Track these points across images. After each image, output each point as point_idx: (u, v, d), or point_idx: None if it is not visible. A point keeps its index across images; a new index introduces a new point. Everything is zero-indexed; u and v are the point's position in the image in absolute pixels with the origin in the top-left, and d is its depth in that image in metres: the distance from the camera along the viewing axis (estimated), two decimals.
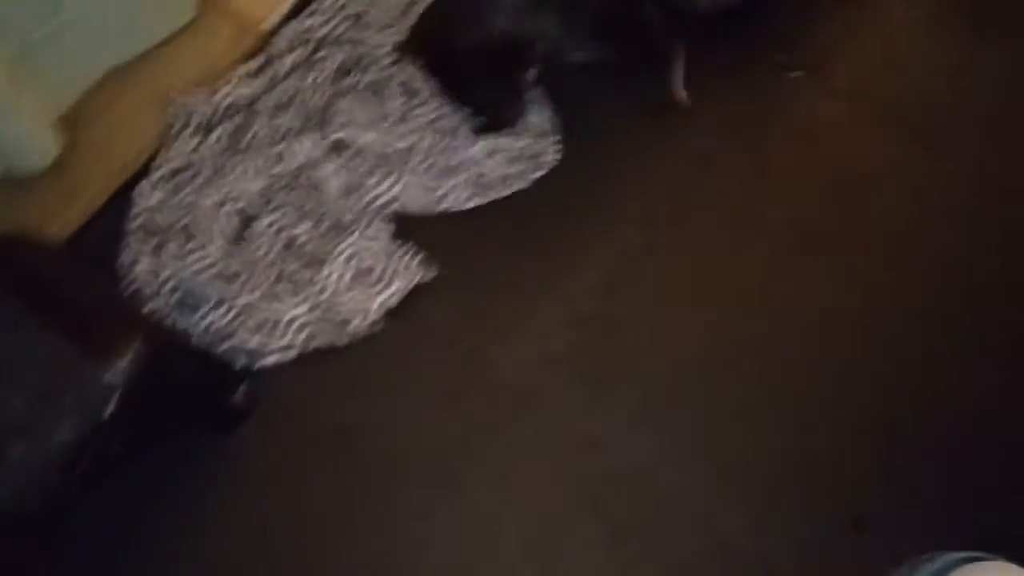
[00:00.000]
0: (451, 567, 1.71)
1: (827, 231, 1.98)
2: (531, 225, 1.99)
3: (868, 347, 1.87)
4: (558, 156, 2.02)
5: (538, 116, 2.02)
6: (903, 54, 2.18)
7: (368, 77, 2.05)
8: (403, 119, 2.02)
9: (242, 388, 1.75)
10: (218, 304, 1.84)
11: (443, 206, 1.97)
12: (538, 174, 2.00)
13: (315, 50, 2.08)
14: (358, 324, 1.82)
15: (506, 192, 1.98)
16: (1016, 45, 2.17)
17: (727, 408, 1.83)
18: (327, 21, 2.10)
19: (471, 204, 1.97)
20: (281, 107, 2.03)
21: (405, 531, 1.74)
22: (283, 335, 1.81)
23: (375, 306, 1.84)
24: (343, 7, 2.13)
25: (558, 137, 2.03)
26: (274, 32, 2.10)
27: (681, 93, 2.05)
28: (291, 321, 1.82)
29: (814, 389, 1.84)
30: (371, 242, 1.91)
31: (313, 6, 2.14)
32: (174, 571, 1.71)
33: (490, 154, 2.00)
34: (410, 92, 2.04)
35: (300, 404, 1.82)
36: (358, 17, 2.12)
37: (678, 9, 1.98)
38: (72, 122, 1.96)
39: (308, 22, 2.10)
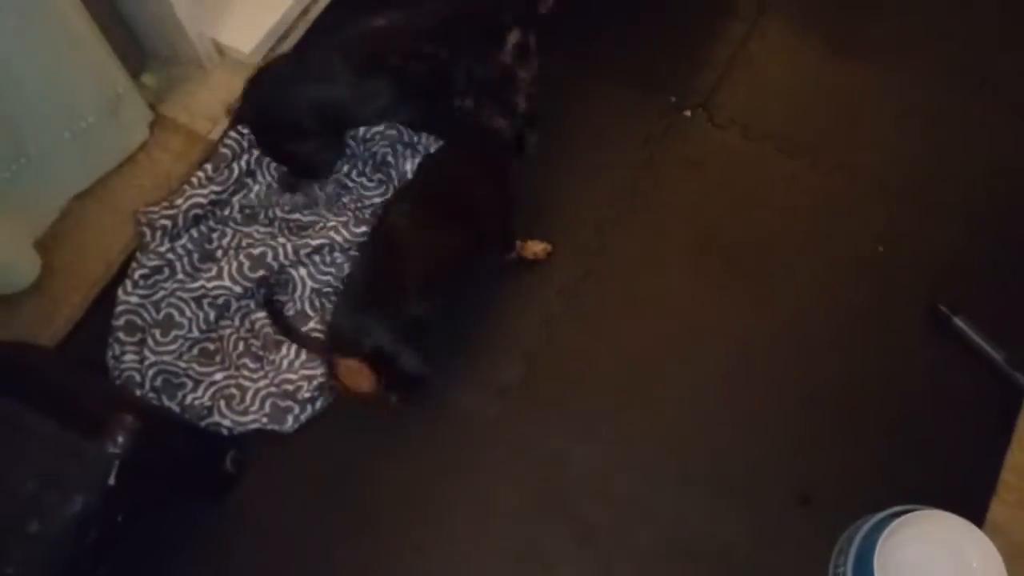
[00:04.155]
0: None
1: (735, 244, 2.24)
2: None
3: (790, 347, 2.11)
4: None
5: None
6: (777, 83, 2.47)
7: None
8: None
9: (230, 455, 1.91)
10: (196, 384, 2.02)
11: None
12: None
13: (261, 155, 2.28)
14: (305, 391, 2.01)
15: None
16: (871, 66, 2.49)
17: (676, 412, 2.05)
18: None
19: None
20: (249, 214, 2.25)
21: (402, 564, 1.91)
22: (249, 407, 2.00)
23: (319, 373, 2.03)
24: None
25: None
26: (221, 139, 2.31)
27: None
28: (255, 393, 2.00)
29: (750, 387, 2.07)
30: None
31: None
32: None
33: None
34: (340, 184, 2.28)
35: (285, 466, 1.99)
36: None
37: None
38: (48, 244, 2.15)
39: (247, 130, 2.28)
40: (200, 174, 2.24)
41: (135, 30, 2.32)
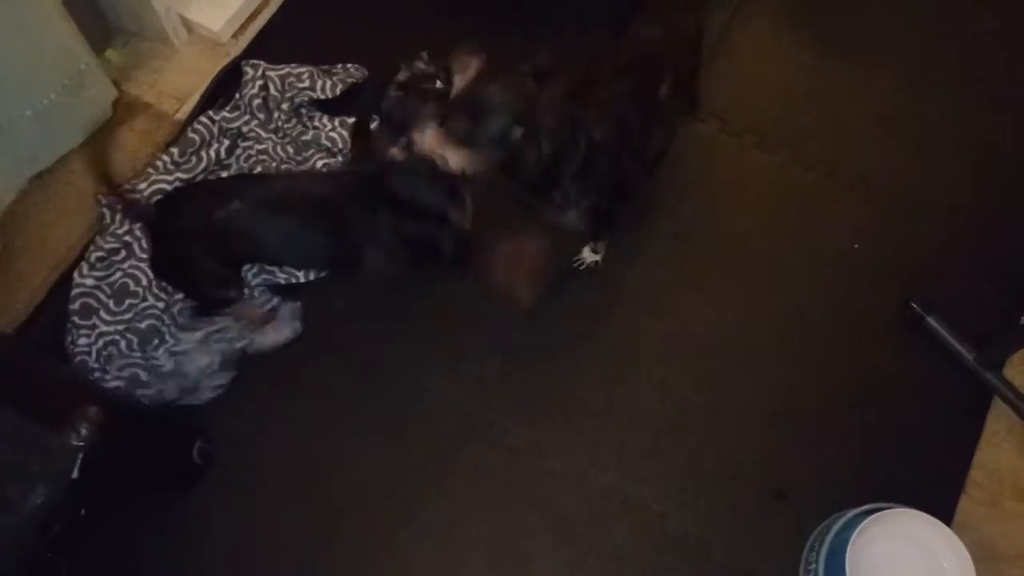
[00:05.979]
0: None
1: (713, 238, 2.23)
2: None
3: (767, 343, 2.11)
4: None
5: None
6: (758, 76, 2.46)
7: None
8: None
9: (197, 446, 1.87)
10: (159, 344, 1.98)
11: None
12: None
13: (233, 144, 2.22)
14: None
15: None
16: (853, 61, 2.48)
17: (653, 408, 2.03)
18: (241, 115, 2.23)
19: None
20: None
21: (376, 556, 1.88)
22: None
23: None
24: (257, 103, 2.24)
25: None
26: (189, 121, 2.24)
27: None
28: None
29: (726, 382, 2.06)
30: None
31: (234, 100, 2.26)
32: None
33: None
34: None
35: (254, 455, 1.95)
36: (270, 112, 2.25)
37: None
38: (7, 224, 2.08)
39: (224, 114, 2.22)
40: (166, 158, 2.17)
41: (99, 2, 2.24)
